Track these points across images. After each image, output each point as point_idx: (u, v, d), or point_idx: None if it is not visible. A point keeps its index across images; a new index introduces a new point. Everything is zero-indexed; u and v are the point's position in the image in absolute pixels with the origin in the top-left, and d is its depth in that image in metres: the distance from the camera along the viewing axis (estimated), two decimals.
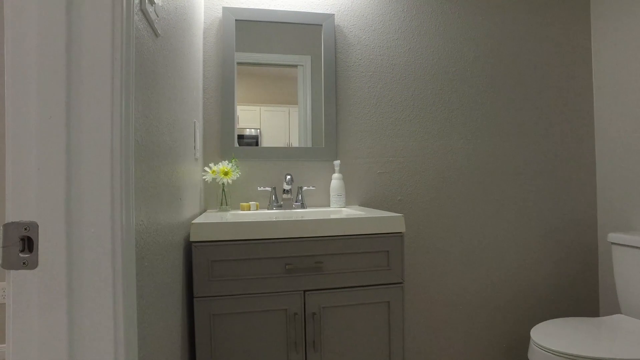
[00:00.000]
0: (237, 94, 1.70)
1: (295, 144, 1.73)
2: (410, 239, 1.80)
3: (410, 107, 1.82)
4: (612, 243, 1.67)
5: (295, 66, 1.78)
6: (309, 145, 1.74)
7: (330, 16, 1.76)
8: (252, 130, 1.73)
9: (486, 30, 1.91)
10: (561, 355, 1.33)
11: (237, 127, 1.69)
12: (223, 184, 1.59)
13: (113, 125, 0.57)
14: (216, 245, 1.16)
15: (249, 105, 1.72)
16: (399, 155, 1.80)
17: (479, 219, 1.87)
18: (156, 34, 0.87)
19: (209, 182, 1.63)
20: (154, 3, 0.83)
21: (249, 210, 1.59)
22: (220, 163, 1.57)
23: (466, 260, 1.85)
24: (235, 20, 1.69)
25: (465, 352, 1.85)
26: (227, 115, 1.67)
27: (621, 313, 1.65)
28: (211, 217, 1.32)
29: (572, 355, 1.32)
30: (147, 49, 0.79)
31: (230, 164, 1.58)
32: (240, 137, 1.71)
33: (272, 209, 1.62)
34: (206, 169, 1.55)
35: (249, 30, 1.70)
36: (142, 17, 0.76)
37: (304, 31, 1.75)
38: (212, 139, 1.66)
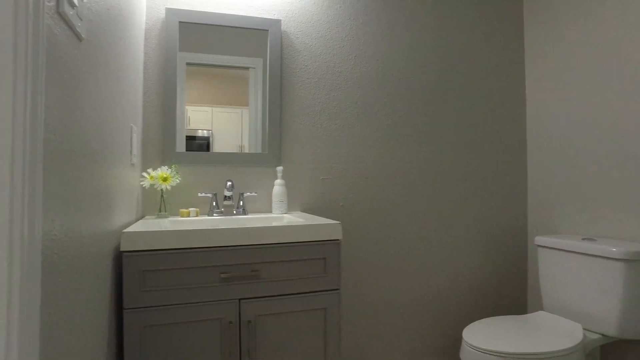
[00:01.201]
0: (188, 94, 1.67)
1: (247, 146, 1.73)
2: (352, 244, 1.83)
3: (355, 114, 1.86)
4: (539, 246, 1.79)
5: (247, 68, 1.77)
6: (259, 148, 1.73)
7: (277, 22, 1.76)
8: (205, 131, 1.70)
9: (431, 41, 1.98)
10: (489, 353, 1.41)
11: (188, 127, 1.67)
12: (162, 190, 1.55)
13: (14, 133, 0.54)
14: (148, 254, 1.13)
15: (201, 106, 1.69)
16: (343, 162, 1.83)
17: (420, 225, 1.94)
18: (79, 38, 0.83)
19: (146, 188, 1.58)
20: (75, 6, 0.80)
21: (189, 216, 1.56)
22: (159, 168, 1.53)
23: (406, 265, 1.92)
24: (179, 22, 1.66)
25: (403, 354, 1.91)
26: (169, 119, 1.63)
27: (544, 310, 1.77)
28: (146, 224, 1.29)
29: (498, 352, 1.40)
30: (67, 53, 0.76)
31: (170, 170, 1.55)
32: (192, 138, 1.68)
33: (213, 216, 1.60)
34: (144, 174, 1.51)
35: (196, 31, 1.67)
36: (59, 21, 0.73)
37: (253, 34, 1.74)
38: (153, 144, 1.62)
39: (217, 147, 1.70)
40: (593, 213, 1.77)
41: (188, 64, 1.68)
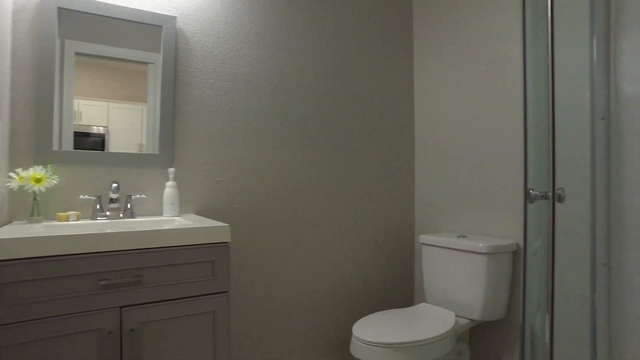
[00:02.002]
0: (79, 87, 1.53)
1: (147, 145, 1.64)
2: (247, 246, 1.84)
3: (251, 116, 1.86)
4: (422, 243, 1.96)
5: (147, 63, 1.68)
6: (156, 149, 1.66)
7: (172, 19, 1.70)
8: (100, 128, 1.57)
9: (326, 48, 2.06)
10: (376, 345, 1.51)
11: (79, 123, 1.53)
12: (34, 192, 1.41)
13: None
14: (7, 264, 1.02)
15: (95, 100, 1.57)
16: (238, 164, 1.83)
17: (313, 225, 2.01)
18: None
19: (14, 190, 1.42)
20: None
21: (68, 220, 1.44)
22: (31, 168, 1.39)
23: (300, 264, 1.97)
24: (58, 7, 1.52)
25: (298, 353, 1.96)
26: (43, 113, 1.48)
27: (426, 302, 1.94)
28: (11, 230, 1.16)
29: (384, 343, 1.50)
30: None
31: (45, 170, 1.41)
32: (86, 135, 1.54)
33: (97, 219, 1.49)
34: (12, 175, 1.36)
35: (86, 20, 1.55)
36: None
37: (149, 29, 1.66)
38: (25, 141, 1.46)
39: (115, 145, 1.60)
40: (468, 213, 1.99)
41: (78, 53, 1.55)
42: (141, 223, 1.48)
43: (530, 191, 0.94)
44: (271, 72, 1.92)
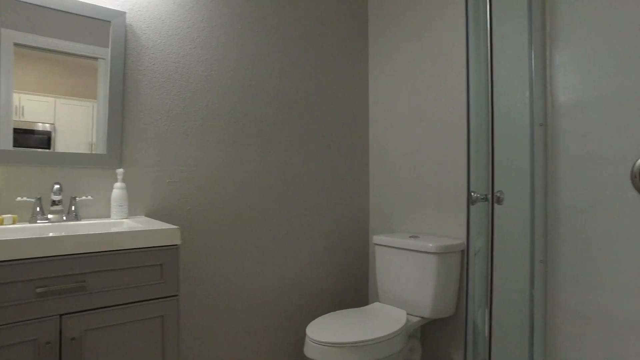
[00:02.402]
0: (20, 81, 1.44)
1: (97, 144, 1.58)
2: (199, 248, 1.80)
3: (204, 116, 1.83)
4: (375, 244, 2.00)
5: (97, 59, 1.60)
6: (104, 146, 1.59)
7: (121, 14, 1.64)
8: (47, 125, 1.49)
9: (283, 50, 2.06)
10: (329, 345, 1.53)
11: (20, 119, 1.44)
12: None
13: None
14: None
15: (39, 95, 1.48)
16: (191, 165, 1.79)
17: (269, 226, 2.01)
18: None
19: None
20: None
21: (2, 224, 1.35)
22: None
23: (255, 266, 1.96)
24: None
25: (252, 356, 1.95)
26: None
27: (380, 302, 1.99)
28: None
29: (336, 343, 1.52)
30: None
31: None
32: (29, 132, 1.45)
33: (37, 223, 1.41)
34: None
35: (27, 10, 1.45)
36: None
37: (98, 23, 1.60)
38: None
39: (62, 143, 1.52)
40: (421, 213, 2.06)
41: (17, 44, 1.45)
42: (85, 226, 1.42)
43: (472, 194, 0.99)
44: (225, 73, 1.89)
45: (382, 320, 1.73)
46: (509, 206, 1.49)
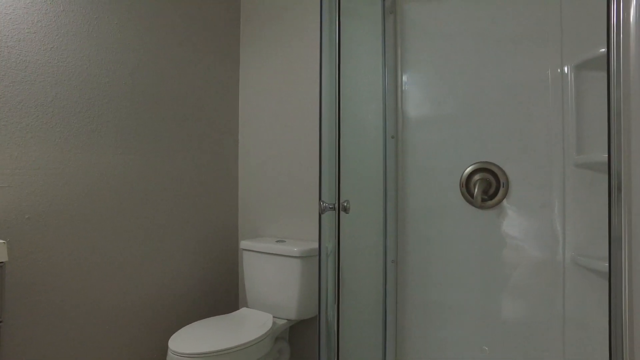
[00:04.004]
0: None
1: None
2: (44, 260, 1.59)
3: (49, 113, 1.62)
4: (243, 249, 2.00)
5: None
6: None
7: None
8: None
9: (147, 43, 1.92)
10: (192, 356, 1.47)
11: None
12: None
13: None
14: None
15: None
16: (31, 167, 1.56)
17: (128, 233, 1.86)
18: None
19: None
20: None
21: None
22: None
23: (112, 276, 1.80)
24: None
25: None
26: None
27: (247, 307, 1.99)
28: None
29: (201, 353, 1.47)
30: None
31: None
32: None
33: None
34: None
35: None
36: None
37: None
38: None
39: None
40: (288, 218, 2.11)
41: None
42: None
43: (322, 203, 1.05)
44: (76, 66, 1.69)
45: (249, 325, 1.73)
46: (365, 211, 1.63)
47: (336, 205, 1.03)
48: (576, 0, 1.40)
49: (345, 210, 1.07)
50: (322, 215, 1.04)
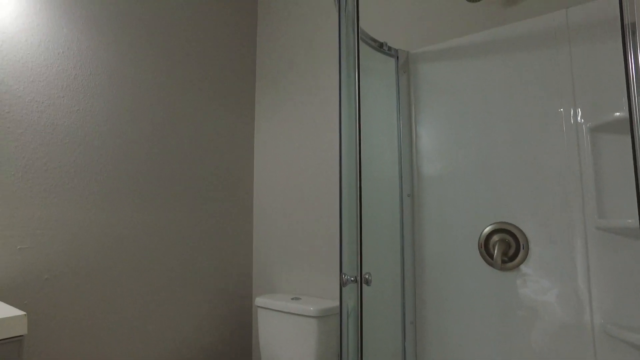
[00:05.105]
0: None
1: None
2: (60, 322, 1.57)
3: (72, 173, 1.65)
4: (258, 306, 1.96)
5: None
6: None
7: None
8: None
9: (166, 100, 1.99)
10: None
11: None
12: None
13: None
14: None
15: None
16: (51, 227, 1.58)
17: (145, 292, 1.84)
18: None
19: None
20: None
21: None
22: None
23: (128, 336, 1.77)
24: None
25: None
26: None
27: None
28: None
29: None
30: None
31: None
32: None
33: None
34: None
35: None
36: None
37: None
38: None
39: None
40: (303, 273, 2.08)
41: None
42: None
43: (344, 275, 1.04)
44: (99, 125, 1.75)
45: None
46: (382, 272, 1.60)
47: (358, 278, 1.01)
48: (588, 59, 1.43)
49: (367, 282, 1.05)
50: (342, 289, 1.03)
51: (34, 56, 1.59)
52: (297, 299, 1.92)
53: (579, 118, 1.44)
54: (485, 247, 1.57)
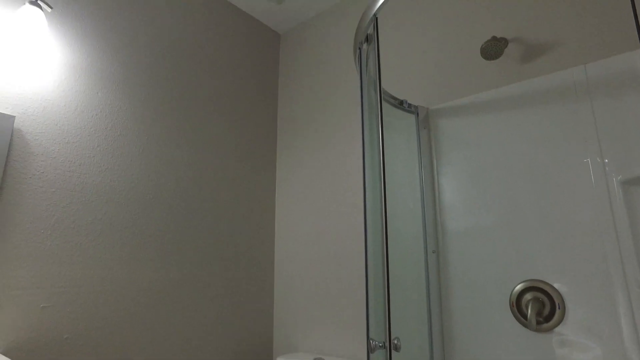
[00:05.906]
0: None
1: None
2: None
3: (98, 231, 1.68)
4: None
5: None
6: None
7: (10, 118, 1.52)
8: None
9: (187, 160, 2.04)
10: None
11: None
12: None
13: None
14: None
15: None
16: (74, 285, 1.58)
17: (164, 350, 1.79)
18: None
19: None
20: None
21: None
22: None
23: None
24: None
25: None
26: None
27: None
28: None
29: None
30: None
31: None
32: None
33: None
34: None
35: None
36: None
37: None
38: None
39: None
40: (326, 331, 2.01)
41: None
42: None
43: (371, 341, 0.99)
44: (125, 183, 1.80)
45: None
46: (409, 333, 1.53)
47: (387, 344, 0.97)
48: (611, 111, 1.42)
49: (397, 348, 1.00)
50: (369, 355, 0.98)
51: (70, 119, 1.67)
52: (319, 359, 1.84)
53: (606, 168, 1.40)
54: (517, 306, 1.49)
